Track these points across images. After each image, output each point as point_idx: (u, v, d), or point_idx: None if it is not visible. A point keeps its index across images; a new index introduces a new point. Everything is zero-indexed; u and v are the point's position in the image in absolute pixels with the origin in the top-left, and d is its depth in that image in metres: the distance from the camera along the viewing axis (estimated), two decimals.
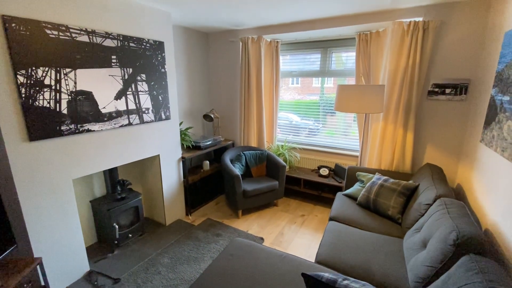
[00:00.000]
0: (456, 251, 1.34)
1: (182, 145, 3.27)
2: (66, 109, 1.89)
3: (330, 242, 1.93)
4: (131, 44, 2.26)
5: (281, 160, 3.28)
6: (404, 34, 2.46)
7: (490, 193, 1.76)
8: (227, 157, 3.29)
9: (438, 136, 2.62)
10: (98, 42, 2.03)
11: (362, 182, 2.61)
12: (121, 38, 2.18)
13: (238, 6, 2.45)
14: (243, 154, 3.34)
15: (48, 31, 1.75)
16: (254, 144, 3.65)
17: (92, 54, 2.00)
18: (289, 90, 3.78)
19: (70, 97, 1.91)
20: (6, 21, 1.56)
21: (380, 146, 2.81)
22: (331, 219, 2.32)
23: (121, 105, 2.26)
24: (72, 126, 1.94)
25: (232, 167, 3.02)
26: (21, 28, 1.63)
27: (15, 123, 1.67)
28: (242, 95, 3.52)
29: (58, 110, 1.85)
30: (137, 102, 2.39)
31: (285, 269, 1.64)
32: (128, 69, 2.27)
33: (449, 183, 2.65)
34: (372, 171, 2.73)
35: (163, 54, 2.57)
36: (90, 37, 1.98)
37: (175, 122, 2.84)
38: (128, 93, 2.30)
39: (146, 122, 2.50)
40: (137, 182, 3.02)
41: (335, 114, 3.44)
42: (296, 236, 2.77)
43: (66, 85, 1.88)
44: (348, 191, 2.65)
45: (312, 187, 3.46)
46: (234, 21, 3.03)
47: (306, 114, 3.66)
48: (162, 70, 2.58)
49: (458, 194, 2.39)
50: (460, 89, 2.41)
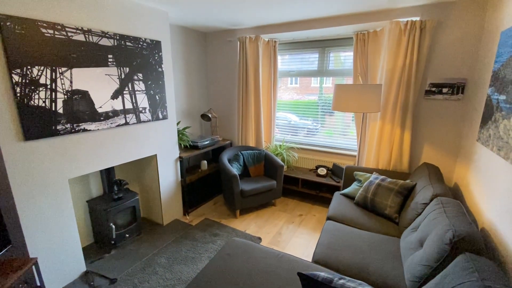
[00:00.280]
0: (452, 250, 1.34)
1: (180, 144, 3.26)
2: (62, 108, 1.88)
3: (327, 242, 1.93)
4: (128, 43, 2.25)
5: (279, 159, 3.27)
6: (401, 34, 2.46)
7: (486, 192, 1.76)
8: (225, 156, 3.28)
9: (435, 135, 2.62)
10: (94, 41, 2.02)
11: (360, 181, 2.61)
12: (117, 37, 2.17)
13: (236, 6, 2.45)
14: (241, 153, 3.34)
15: (43, 30, 1.74)
16: (252, 143, 3.64)
17: (88, 53, 1.99)
18: (288, 90, 3.78)
19: (66, 96, 1.90)
20: (1, 20, 1.55)
21: (377, 145, 2.81)
22: (329, 219, 2.32)
23: (117, 104, 2.25)
24: (68, 125, 1.93)
25: (229, 167, 3.02)
26: (16, 27, 1.62)
27: (10, 123, 1.66)
28: (240, 95, 3.51)
29: (53, 109, 1.84)
30: (134, 101, 2.38)
31: (281, 268, 1.64)
32: (124, 68, 2.26)
33: (446, 182, 2.65)
34: (369, 171, 2.73)
35: (160, 54, 2.56)
36: (86, 36, 1.97)
37: (173, 122, 2.83)
38: (124, 92, 2.29)
39: (143, 121, 2.49)
40: (134, 182, 3.01)
41: (334, 114, 3.44)
42: (294, 235, 2.77)
43: (62, 84, 1.87)
44: (345, 191, 2.65)
45: (310, 187, 3.46)
46: (232, 20, 3.03)
47: (305, 114, 3.66)
48: (159, 69, 2.57)
49: (455, 193, 2.40)
50: (457, 88, 2.42)
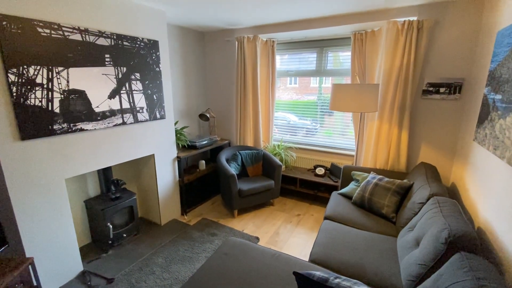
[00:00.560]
0: (447, 249, 1.34)
1: (178, 144, 3.26)
2: (58, 108, 1.88)
3: (324, 241, 1.93)
4: (125, 43, 2.25)
5: (277, 159, 3.27)
6: (398, 34, 2.47)
7: (483, 191, 1.76)
8: (223, 156, 3.28)
9: (433, 135, 2.62)
10: (91, 41, 2.02)
11: (357, 181, 2.62)
12: (114, 37, 2.17)
13: (233, 5, 2.45)
14: (239, 153, 3.34)
15: (40, 30, 1.73)
16: (250, 143, 3.64)
17: (85, 53, 1.99)
18: (287, 90, 3.78)
19: (62, 96, 1.90)
20: None
21: (375, 145, 2.81)
22: (326, 218, 2.32)
23: (115, 104, 2.25)
24: (64, 125, 1.93)
25: (227, 167, 3.01)
26: (12, 26, 1.61)
27: (6, 122, 1.65)
28: (238, 95, 3.51)
29: (50, 109, 1.84)
30: (131, 101, 2.38)
31: (278, 268, 1.64)
32: (122, 68, 2.26)
33: (444, 182, 2.66)
34: (367, 170, 2.73)
35: (158, 53, 2.56)
36: (83, 35, 1.96)
37: (170, 122, 2.83)
38: (122, 92, 2.29)
39: (141, 121, 2.49)
40: (131, 181, 3.00)
41: (333, 114, 3.44)
42: (291, 235, 2.77)
43: (59, 83, 1.87)
44: (343, 190, 2.65)
45: (308, 187, 3.46)
46: (230, 20, 3.03)
47: (304, 114, 3.65)
48: (157, 69, 2.57)
49: (452, 193, 2.40)
50: (454, 88, 2.42)
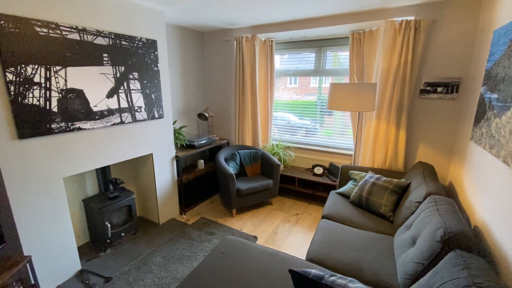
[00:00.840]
0: (443, 247, 1.34)
1: (176, 144, 3.26)
2: (56, 107, 1.88)
3: (322, 240, 1.93)
4: (123, 42, 2.26)
5: (275, 159, 3.28)
6: (396, 33, 2.47)
7: (479, 190, 1.77)
8: (222, 156, 3.28)
9: (430, 134, 2.63)
10: (89, 40, 2.02)
11: (355, 180, 2.62)
12: (112, 36, 2.17)
13: (231, 5, 2.45)
14: (238, 153, 3.34)
15: (37, 29, 1.74)
16: (248, 143, 3.65)
17: (83, 52, 1.99)
18: (286, 90, 3.78)
19: (60, 95, 1.90)
20: None
21: (373, 144, 2.82)
22: (324, 217, 2.33)
23: (113, 103, 2.25)
24: (62, 124, 1.93)
25: (226, 166, 3.02)
26: (10, 25, 1.62)
27: (4, 121, 1.66)
28: (236, 94, 3.52)
29: (48, 108, 1.84)
30: (129, 100, 2.38)
31: (275, 266, 1.65)
32: (120, 67, 2.27)
33: (441, 181, 2.66)
34: (365, 170, 2.73)
35: (156, 53, 2.56)
36: (81, 35, 1.97)
37: (169, 121, 2.84)
38: (120, 91, 2.30)
39: (139, 120, 2.50)
40: (130, 181, 3.01)
41: (333, 114, 3.44)
42: (290, 234, 2.77)
43: (57, 83, 1.87)
44: (341, 190, 2.65)
45: (306, 186, 3.47)
46: (228, 19, 3.03)
47: (304, 114, 3.66)
48: (155, 68, 2.58)
49: (449, 192, 2.41)
50: (451, 87, 2.43)
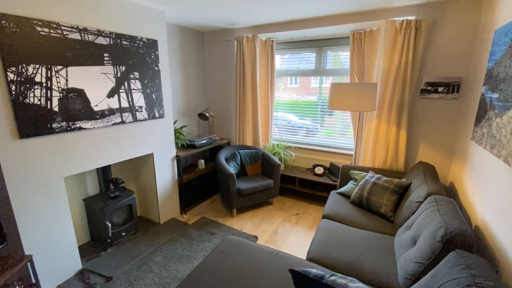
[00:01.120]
0: (444, 247, 1.34)
1: (177, 143, 3.26)
2: (57, 106, 1.89)
3: (322, 240, 1.93)
4: (124, 42, 2.26)
5: (276, 159, 3.28)
6: (396, 33, 2.47)
7: (480, 190, 1.76)
8: (222, 155, 3.29)
9: (431, 134, 2.62)
10: (90, 40, 2.02)
11: (356, 180, 2.62)
12: (113, 36, 2.18)
13: (232, 5, 2.45)
14: (238, 153, 3.34)
15: (39, 29, 1.74)
16: (249, 143, 3.65)
17: (83, 52, 2.00)
18: (287, 90, 3.78)
19: (61, 94, 1.91)
20: None
21: (374, 144, 2.82)
22: (324, 217, 2.32)
23: (113, 103, 2.25)
24: (63, 123, 1.94)
25: (226, 166, 3.02)
26: (11, 25, 1.62)
27: (5, 120, 1.66)
28: (237, 94, 3.52)
29: (49, 107, 1.85)
30: (130, 100, 2.38)
31: (275, 266, 1.64)
32: (120, 67, 2.27)
33: (442, 181, 2.66)
34: (365, 170, 2.73)
35: (157, 53, 2.56)
36: (82, 34, 1.97)
37: (169, 121, 2.84)
38: (121, 91, 2.30)
39: (140, 120, 2.50)
40: (131, 180, 3.01)
41: (333, 114, 3.44)
42: (290, 234, 2.77)
43: (57, 82, 1.88)
44: (341, 190, 2.65)
45: (307, 186, 3.46)
46: (229, 19, 3.04)
47: (304, 114, 3.66)
48: (156, 68, 2.58)
49: (450, 192, 2.40)
50: (452, 87, 2.42)
